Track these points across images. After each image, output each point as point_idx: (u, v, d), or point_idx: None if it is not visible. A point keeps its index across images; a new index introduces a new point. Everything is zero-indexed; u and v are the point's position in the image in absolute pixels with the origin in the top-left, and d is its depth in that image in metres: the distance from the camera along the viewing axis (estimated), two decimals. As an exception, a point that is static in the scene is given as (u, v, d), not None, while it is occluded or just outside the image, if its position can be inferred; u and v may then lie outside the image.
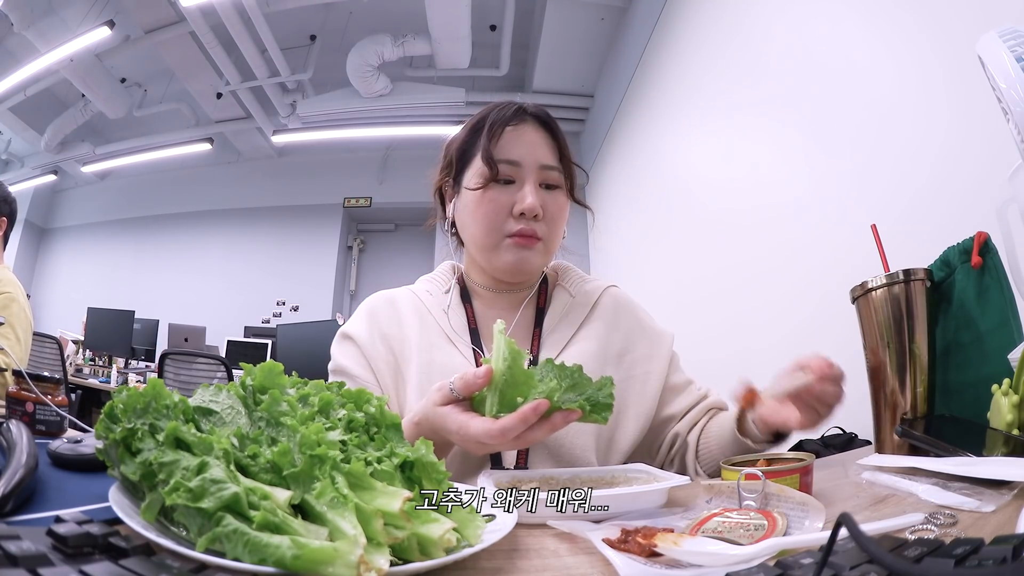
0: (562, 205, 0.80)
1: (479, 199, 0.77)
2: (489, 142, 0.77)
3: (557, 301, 0.85)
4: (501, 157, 0.77)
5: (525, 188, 0.77)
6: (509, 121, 0.79)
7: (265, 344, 4.58)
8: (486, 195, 0.77)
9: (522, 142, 0.78)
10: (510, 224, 0.77)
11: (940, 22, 1.26)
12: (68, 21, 4.27)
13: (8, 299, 1.54)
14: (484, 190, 0.77)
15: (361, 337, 0.80)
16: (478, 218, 0.78)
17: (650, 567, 0.35)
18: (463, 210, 0.81)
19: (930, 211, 1.25)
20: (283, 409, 0.41)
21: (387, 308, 0.84)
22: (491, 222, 0.77)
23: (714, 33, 2.53)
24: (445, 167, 0.85)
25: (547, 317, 0.83)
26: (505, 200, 0.77)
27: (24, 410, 0.68)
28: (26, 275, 6.29)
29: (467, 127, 0.83)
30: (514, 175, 0.78)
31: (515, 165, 0.77)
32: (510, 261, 0.78)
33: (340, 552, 0.30)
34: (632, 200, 3.77)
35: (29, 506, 0.41)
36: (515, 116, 0.79)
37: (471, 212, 0.79)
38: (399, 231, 6.65)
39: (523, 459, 0.73)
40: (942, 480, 0.53)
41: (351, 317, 0.86)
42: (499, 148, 0.77)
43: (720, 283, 2.39)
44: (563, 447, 0.74)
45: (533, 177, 0.77)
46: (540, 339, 0.81)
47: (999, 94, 0.62)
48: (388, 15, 4.39)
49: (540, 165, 0.78)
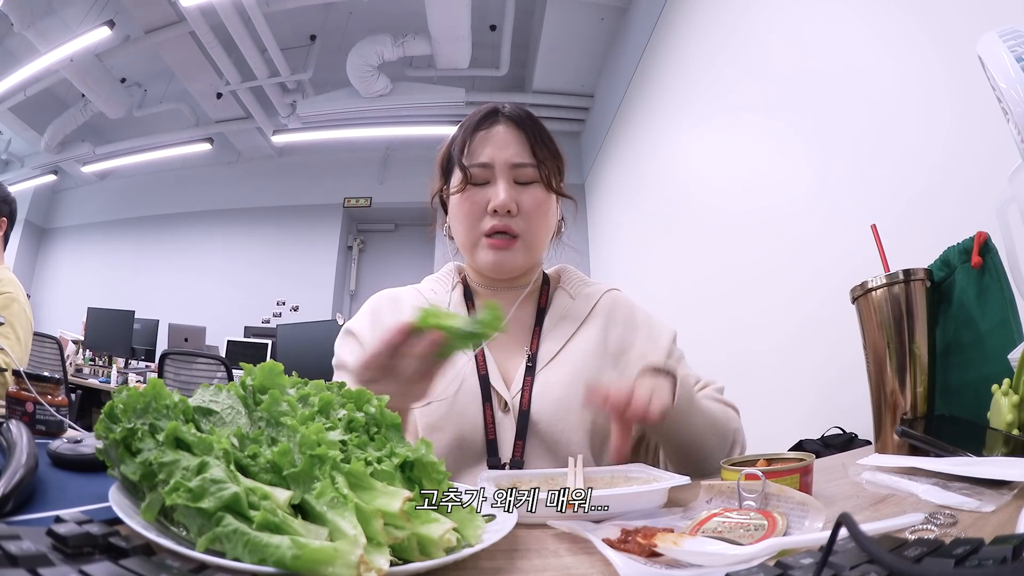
0: (540, 199, 0.82)
1: (459, 202, 0.82)
2: (461, 150, 0.82)
3: (557, 302, 0.87)
4: (473, 162, 0.81)
5: (498, 185, 0.81)
6: (480, 126, 0.83)
7: (265, 344, 4.58)
8: (463, 197, 0.82)
9: (493, 144, 0.82)
10: (486, 222, 0.81)
11: (940, 22, 1.26)
12: (68, 21, 4.27)
13: (8, 299, 1.54)
14: (462, 193, 0.82)
15: (363, 333, 0.83)
16: (459, 219, 0.83)
17: (650, 567, 0.35)
18: (451, 215, 0.86)
19: (930, 211, 1.25)
20: (283, 409, 0.41)
21: (390, 305, 0.87)
22: (469, 222, 0.82)
23: (714, 33, 2.53)
24: (440, 177, 0.90)
25: (547, 317, 0.85)
26: (480, 199, 0.81)
27: (24, 410, 0.67)
28: (26, 275, 6.29)
29: (451, 137, 0.88)
30: (487, 176, 0.82)
31: (486, 167, 0.81)
32: (488, 261, 0.82)
33: (340, 552, 0.30)
34: (632, 200, 3.77)
35: (29, 506, 0.41)
36: (486, 119, 0.84)
37: (454, 215, 0.84)
38: (399, 231, 6.65)
39: (520, 452, 0.74)
40: (942, 480, 0.53)
41: (355, 314, 0.88)
42: (470, 153, 0.82)
43: (720, 283, 2.39)
44: (559, 443, 0.74)
45: (505, 175, 0.81)
46: (540, 338, 0.82)
47: (999, 94, 0.62)
48: (388, 15, 4.39)
49: (511, 164, 0.81)
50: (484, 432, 0.74)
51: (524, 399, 0.76)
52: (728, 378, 0.87)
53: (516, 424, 0.75)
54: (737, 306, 2.23)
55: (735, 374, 2.04)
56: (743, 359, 2.10)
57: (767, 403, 1.86)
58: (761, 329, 2.03)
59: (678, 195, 2.96)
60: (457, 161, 0.82)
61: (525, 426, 0.75)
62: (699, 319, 2.49)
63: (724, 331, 2.28)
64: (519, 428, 0.74)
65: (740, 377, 2.04)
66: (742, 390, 0.78)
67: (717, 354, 2.22)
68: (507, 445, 0.74)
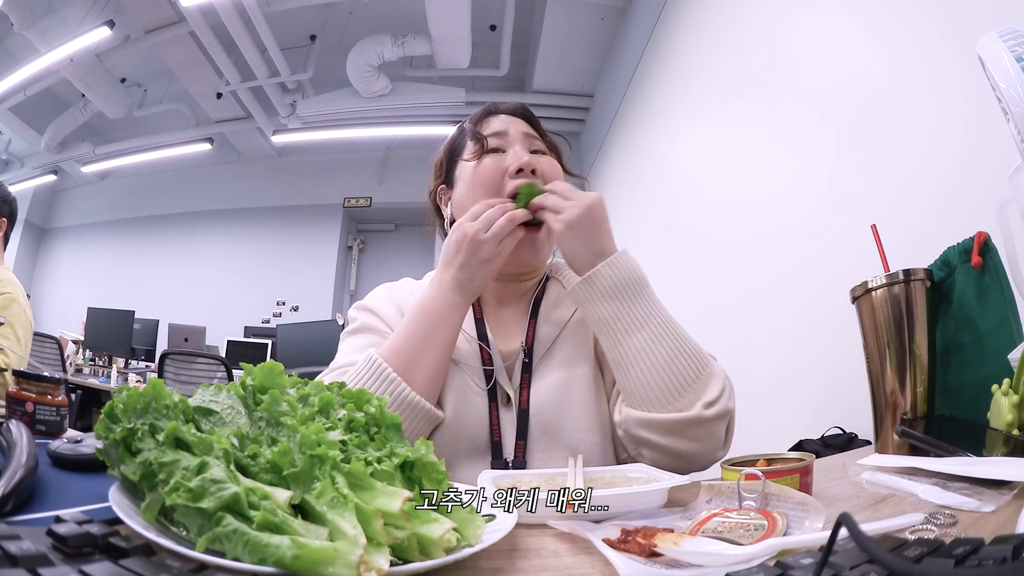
0: (555, 166, 0.83)
1: (474, 170, 0.81)
2: (474, 124, 0.84)
3: (551, 292, 0.88)
4: (487, 131, 0.82)
5: (515, 148, 0.81)
6: (488, 112, 0.86)
7: (265, 344, 4.58)
8: (480, 164, 0.81)
9: (502, 120, 0.85)
10: (508, 184, 0.79)
11: (940, 23, 1.26)
12: (68, 21, 4.27)
13: (8, 299, 1.55)
14: (478, 161, 0.81)
15: (380, 308, 0.84)
16: (476, 186, 0.80)
17: (650, 567, 0.35)
18: (461, 194, 0.84)
19: (930, 211, 1.25)
20: (283, 409, 0.41)
21: (403, 289, 0.88)
22: (489, 188, 0.79)
23: (714, 33, 2.53)
24: (437, 174, 0.90)
25: (542, 307, 0.85)
26: (499, 163, 0.80)
27: (24, 410, 0.67)
28: (26, 275, 6.29)
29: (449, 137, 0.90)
30: (503, 144, 0.82)
31: (501, 135, 0.82)
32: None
33: (340, 552, 0.30)
34: (631, 200, 3.77)
35: (29, 506, 0.41)
36: (492, 108, 0.87)
37: (468, 185, 0.82)
38: (399, 231, 6.65)
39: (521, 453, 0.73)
40: (942, 480, 0.53)
41: (366, 296, 0.88)
42: (483, 126, 0.84)
43: (719, 283, 2.39)
44: (564, 431, 0.74)
45: (520, 142, 0.82)
46: (535, 328, 0.82)
47: (999, 94, 0.62)
48: (388, 15, 4.39)
49: (523, 133, 0.83)
50: (489, 433, 0.74)
51: (523, 398, 0.76)
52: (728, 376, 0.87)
53: (516, 425, 0.75)
54: (736, 305, 2.23)
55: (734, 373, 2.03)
56: (743, 358, 2.10)
57: (767, 403, 1.86)
58: (760, 329, 2.03)
59: (678, 195, 2.97)
60: (471, 133, 0.83)
61: (525, 426, 0.74)
62: (698, 318, 2.49)
63: (723, 330, 2.28)
64: (519, 429, 0.74)
65: (739, 376, 2.03)
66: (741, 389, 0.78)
67: (716, 354, 2.22)
68: (509, 437, 0.74)
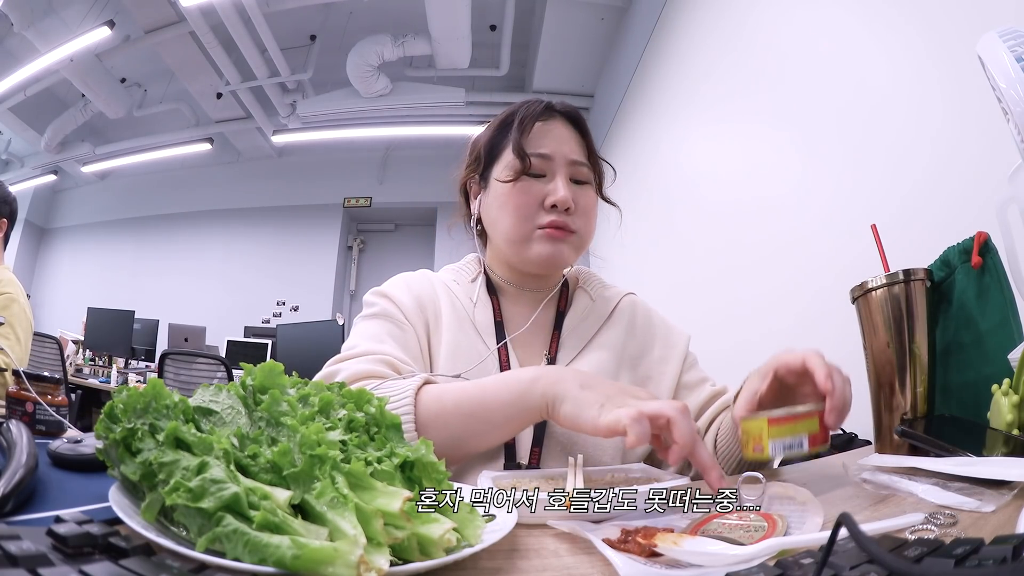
0: (592, 201, 0.81)
1: (509, 191, 0.78)
2: (520, 136, 0.77)
3: (578, 304, 0.85)
4: (532, 150, 0.77)
5: (556, 181, 0.77)
6: (539, 116, 0.79)
7: (265, 344, 4.58)
8: (517, 187, 0.77)
9: (552, 137, 0.79)
10: (541, 216, 0.77)
11: (940, 23, 1.27)
12: (68, 21, 4.27)
13: (8, 299, 1.54)
14: (515, 183, 0.77)
15: (398, 296, 0.79)
16: (509, 210, 0.78)
17: (650, 567, 0.35)
18: (492, 204, 0.81)
19: (930, 211, 1.25)
20: (283, 409, 0.41)
21: (422, 280, 0.84)
22: (523, 214, 0.77)
23: (714, 33, 2.53)
24: (472, 163, 0.85)
25: (567, 319, 0.83)
26: (537, 192, 0.77)
27: (24, 410, 0.67)
28: (26, 275, 6.29)
29: (495, 123, 0.83)
30: (544, 168, 0.78)
31: (546, 159, 0.78)
32: (543, 253, 0.77)
33: (340, 552, 0.30)
34: (631, 200, 3.76)
35: (29, 506, 0.41)
36: (545, 112, 0.80)
37: (501, 205, 0.79)
38: (399, 231, 6.65)
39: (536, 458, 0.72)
40: (942, 480, 0.53)
41: (384, 284, 0.83)
42: (529, 142, 0.78)
43: (719, 282, 2.39)
44: (576, 444, 0.73)
45: (563, 171, 0.78)
46: (559, 340, 0.81)
47: (999, 94, 0.62)
48: (388, 15, 4.39)
49: (569, 160, 0.79)
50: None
51: None
52: (727, 376, 0.87)
53: (533, 430, 0.73)
54: (736, 306, 2.23)
55: (734, 373, 2.03)
56: (742, 358, 2.10)
57: (767, 403, 1.86)
58: (761, 329, 2.03)
59: (678, 194, 2.97)
60: (515, 146, 0.77)
61: (542, 433, 0.73)
62: (698, 318, 2.49)
63: (723, 330, 2.28)
64: (536, 435, 0.73)
65: (739, 376, 2.03)
66: (742, 390, 0.78)
67: (716, 354, 2.21)
68: (525, 446, 0.73)
